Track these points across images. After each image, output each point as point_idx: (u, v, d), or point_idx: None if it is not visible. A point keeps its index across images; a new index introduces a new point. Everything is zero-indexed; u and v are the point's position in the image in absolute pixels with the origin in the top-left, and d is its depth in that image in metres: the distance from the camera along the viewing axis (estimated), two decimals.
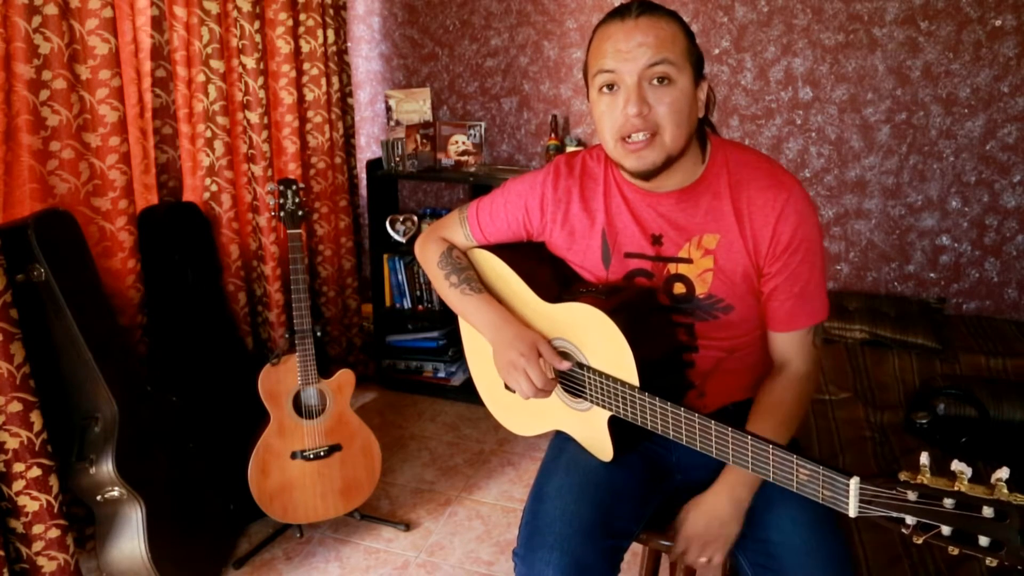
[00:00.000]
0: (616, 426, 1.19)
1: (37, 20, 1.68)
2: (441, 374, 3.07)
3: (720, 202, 1.16)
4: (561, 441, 1.33)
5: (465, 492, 2.40)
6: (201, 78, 2.23)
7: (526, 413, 1.40)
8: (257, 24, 2.38)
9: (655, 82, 1.06)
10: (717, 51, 2.73)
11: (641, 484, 1.25)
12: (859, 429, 1.95)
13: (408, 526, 2.21)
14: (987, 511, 0.75)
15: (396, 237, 3.00)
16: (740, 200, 1.15)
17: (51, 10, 1.69)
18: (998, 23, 2.41)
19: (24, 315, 1.57)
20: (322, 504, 2.07)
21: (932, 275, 2.68)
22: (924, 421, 1.89)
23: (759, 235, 1.14)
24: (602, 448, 1.23)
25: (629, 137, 1.08)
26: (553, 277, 1.30)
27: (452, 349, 3.08)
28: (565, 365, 1.18)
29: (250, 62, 2.37)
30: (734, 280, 1.17)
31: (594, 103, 1.13)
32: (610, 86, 1.09)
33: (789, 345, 1.20)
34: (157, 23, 2.14)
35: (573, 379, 1.25)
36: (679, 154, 1.11)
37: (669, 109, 1.06)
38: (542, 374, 1.18)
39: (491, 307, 1.29)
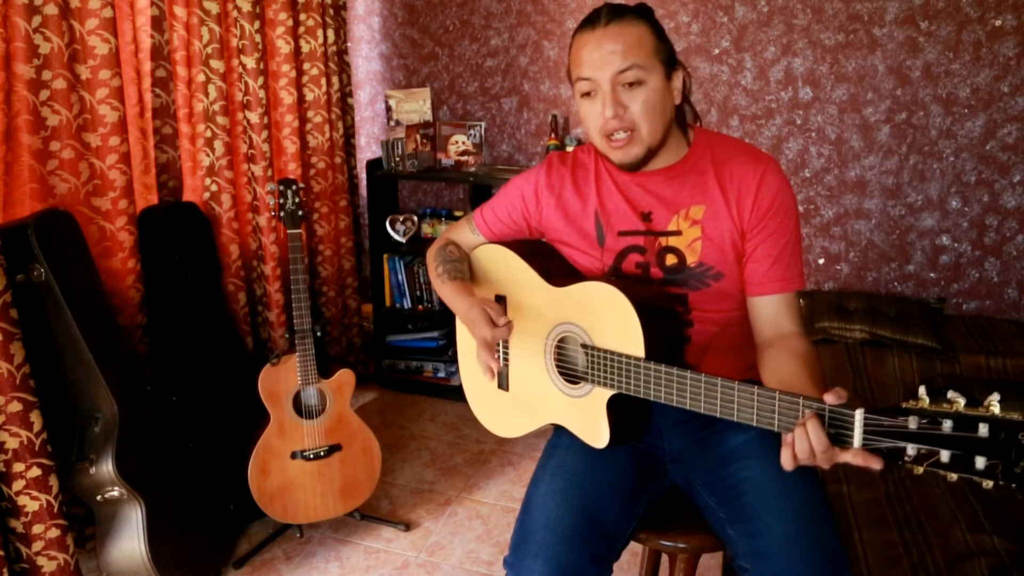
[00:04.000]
0: (615, 408, 1.21)
1: (37, 20, 1.68)
2: (441, 374, 3.07)
3: (705, 177, 1.25)
4: (551, 446, 1.34)
5: (465, 492, 2.40)
6: (201, 78, 2.23)
7: (515, 411, 1.41)
8: (257, 24, 2.38)
9: (627, 85, 1.16)
10: (717, 51, 2.73)
11: (632, 480, 1.26)
12: None
13: (408, 526, 2.21)
14: (983, 429, 0.79)
15: (396, 237, 3.00)
16: (723, 174, 1.24)
17: (51, 10, 1.69)
18: (998, 23, 2.41)
19: (24, 315, 1.57)
20: (322, 504, 2.07)
21: (932, 275, 2.68)
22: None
23: (743, 201, 1.22)
24: (598, 433, 1.24)
25: (612, 136, 1.19)
26: (560, 267, 1.37)
27: (452, 349, 3.08)
28: (502, 321, 1.23)
29: (250, 62, 2.37)
30: (722, 248, 1.23)
31: (579, 105, 1.24)
32: (589, 92, 1.19)
33: (777, 311, 1.22)
34: (157, 23, 2.14)
35: (573, 364, 1.27)
36: (659, 144, 1.21)
37: (643, 108, 1.17)
38: (489, 324, 1.23)
39: (456, 290, 1.36)
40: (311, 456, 2.04)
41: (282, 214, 2.04)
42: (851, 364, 2.30)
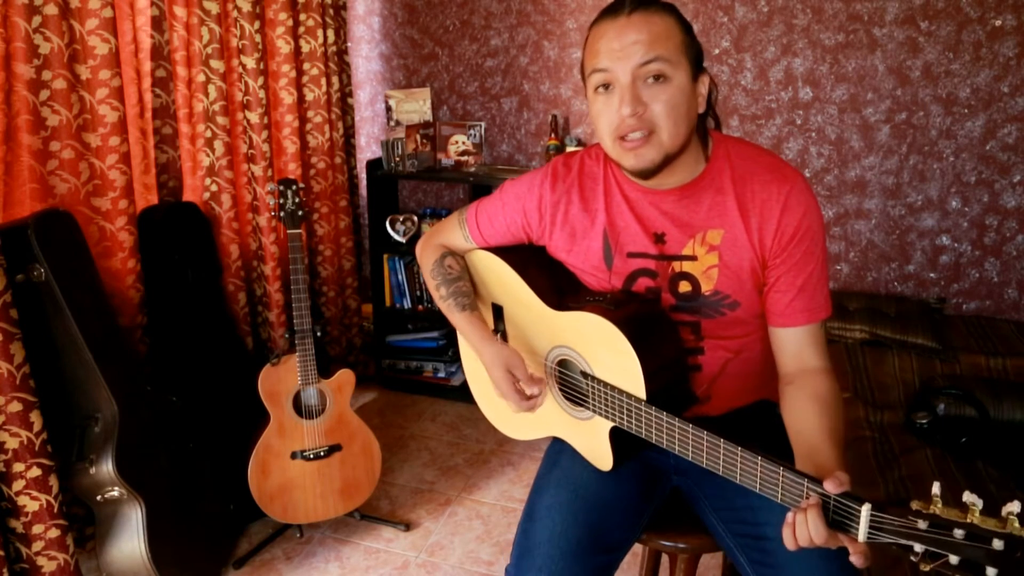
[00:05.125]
0: (618, 437, 1.18)
1: (37, 20, 1.68)
2: (441, 374, 3.07)
3: (724, 197, 1.14)
4: (555, 452, 1.31)
5: (465, 492, 2.40)
6: (201, 78, 2.23)
7: (522, 418, 1.39)
8: (257, 24, 2.38)
9: (650, 80, 1.04)
10: (717, 51, 2.73)
11: (636, 493, 1.23)
12: (859, 429, 1.95)
13: (408, 526, 2.21)
14: (997, 544, 0.74)
15: (396, 237, 3.00)
16: (744, 195, 1.13)
17: (51, 10, 1.69)
18: (998, 23, 2.41)
19: (24, 315, 1.57)
20: (322, 504, 2.07)
21: (932, 275, 2.68)
22: (924, 421, 1.89)
23: (765, 227, 1.12)
24: (601, 458, 1.22)
25: (626, 136, 1.07)
26: (558, 282, 1.28)
27: (452, 349, 3.08)
28: (535, 391, 1.16)
29: (250, 62, 2.37)
30: (740, 276, 1.15)
31: (591, 102, 1.11)
32: (605, 85, 1.07)
33: (801, 344, 1.14)
34: (157, 23, 2.14)
35: (575, 388, 1.23)
36: (678, 151, 1.09)
37: (665, 107, 1.05)
38: (520, 396, 1.17)
39: (472, 327, 1.28)
40: (311, 456, 2.04)
41: (282, 214, 2.04)
42: (851, 364, 2.30)
